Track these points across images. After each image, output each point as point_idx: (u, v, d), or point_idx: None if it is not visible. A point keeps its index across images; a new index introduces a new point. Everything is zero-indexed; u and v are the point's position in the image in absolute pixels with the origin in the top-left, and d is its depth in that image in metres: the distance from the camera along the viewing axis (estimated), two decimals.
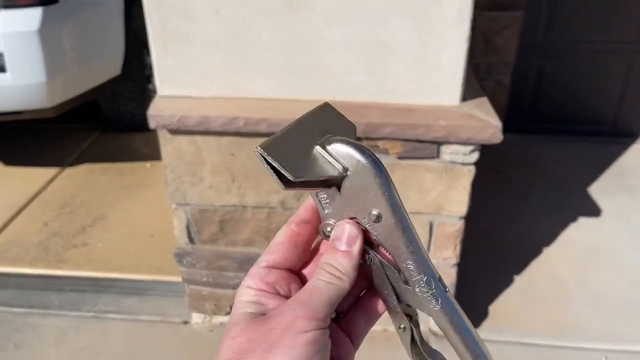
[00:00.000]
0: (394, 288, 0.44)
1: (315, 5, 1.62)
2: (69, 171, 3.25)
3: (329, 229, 0.45)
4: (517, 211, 2.88)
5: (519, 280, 2.40)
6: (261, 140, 0.40)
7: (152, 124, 1.72)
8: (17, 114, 2.73)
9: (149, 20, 1.68)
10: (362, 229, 0.44)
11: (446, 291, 0.44)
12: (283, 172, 0.39)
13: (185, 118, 1.70)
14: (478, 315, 2.19)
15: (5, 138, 3.63)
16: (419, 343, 0.46)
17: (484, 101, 1.78)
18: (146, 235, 2.67)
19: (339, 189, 0.43)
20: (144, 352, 2.06)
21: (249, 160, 1.81)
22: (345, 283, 0.43)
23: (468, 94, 1.76)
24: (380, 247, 0.44)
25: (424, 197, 1.81)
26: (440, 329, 0.44)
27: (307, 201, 0.47)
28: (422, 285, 0.43)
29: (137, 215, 2.83)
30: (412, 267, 0.43)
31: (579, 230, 2.73)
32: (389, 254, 0.44)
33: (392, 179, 0.43)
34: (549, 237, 2.67)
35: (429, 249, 1.93)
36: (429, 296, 0.43)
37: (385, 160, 1.75)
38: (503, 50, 3.36)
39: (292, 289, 0.45)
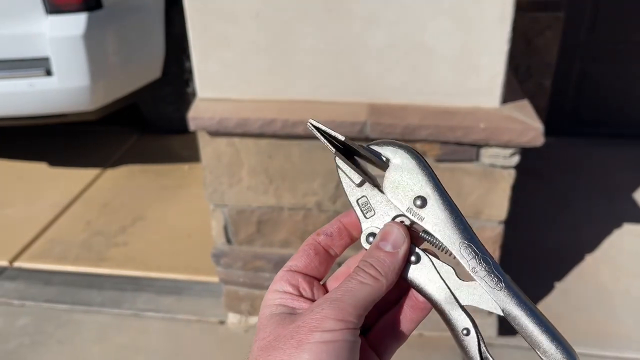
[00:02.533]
0: (449, 288, 0.42)
1: (355, 8, 1.62)
2: (110, 172, 3.35)
3: (371, 238, 0.43)
4: (559, 217, 2.82)
5: (560, 288, 2.34)
6: (298, 142, 0.42)
7: (191, 126, 1.76)
8: (62, 117, 2.83)
9: (190, 25, 1.72)
10: (409, 233, 0.43)
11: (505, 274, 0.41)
12: (334, 134, 0.40)
13: (224, 120, 1.73)
14: None
15: (51, 140, 3.76)
16: (484, 348, 0.42)
17: (525, 103, 1.76)
18: (183, 236, 2.72)
19: (380, 190, 0.43)
20: (181, 350, 2.10)
21: (286, 162, 1.83)
22: (382, 285, 0.42)
23: (508, 96, 1.74)
24: (428, 245, 0.43)
25: (462, 200, 1.79)
26: (507, 315, 0.41)
27: (335, 219, 0.48)
28: (481, 264, 0.40)
29: (175, 216, 2.89)
30: (467, 249, 0.41)
31: (624, 237, 2.65)
32: (439, 245, 0.42)
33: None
34: (592, 244, 2.60)
35: None
36: (492, 276, 0.40)
37: None
38: (544, 52, 3.30)
39: (316, 293, 0.45)
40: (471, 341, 0.42)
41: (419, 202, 0.42)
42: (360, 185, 0.44)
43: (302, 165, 1.83)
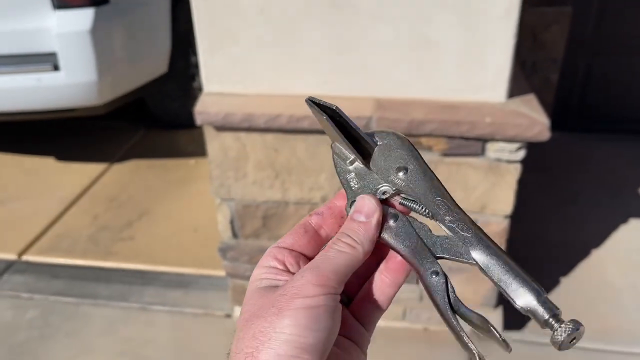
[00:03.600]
0: (424, 243, 0.44)
1: (360, 3, 1.63)
2: (117, 167, 3.37)
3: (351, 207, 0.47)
4: (565, 212, 2.81)
5: (566, 282, 2.34)
6: (304, 136, 0.44)
7: (198, 121, 1.77)
8: (70, 111, 2.84)
9: (197, 20, 1.72)
10: (384, 202, 0.46)
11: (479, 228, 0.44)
12: (329, 105, 0.45)
13: (230, 115, 1.74)
14: (523, 316, 2.15)
15: (58, 134, 3.78)
16: (454, 295, 0.44)
17: (532, 98, 1.75)
18: (190, 230, 2.74)
19: (368, 167, 0.47)
20: (187, 343, 2.11)
21: (292, 157, 1.84)
22: (359, 253, 0.44)
23: (515, 91, 1.73)
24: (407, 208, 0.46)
25: (468, 195, 1.79)
26: (479, 263, 0.43)
27: (329, 200, 0.50)
28: (453, 217, 0.43)
29: (181, 211, 2.91)
30: (441, 205, 0.44)
31: (631, 232, 2.64)
32: (418, 210, 0.45)
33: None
34: (599, 239, 2.59)
35: None
36: (460, 224, 0.43)
37: (428, 157, 1.74)
38: (551, 47, 3.28)
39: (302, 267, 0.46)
40: (439, 282, 0.44)
41: (400, 173, 0.46)
42: (351, 163, 0.47)
43: (308, 159, 1.83)
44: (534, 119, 1.63)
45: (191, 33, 3.52)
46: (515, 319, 2.13)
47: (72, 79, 2.70)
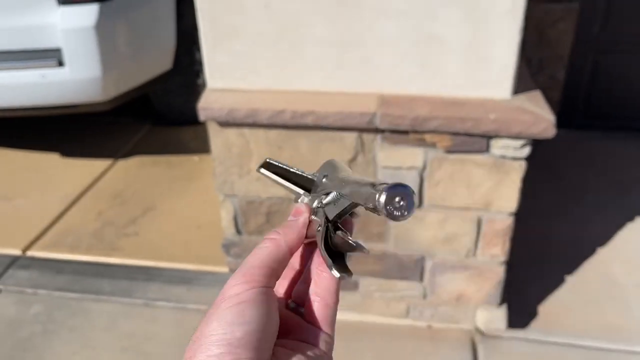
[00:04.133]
0: (327, 219, 0.47)
1: None
2: (121, 163, 3.37)
3: None
4: (571, 210, 2.80)
5: (571, 281, 2.33)
6: (307, 133, 0.45)
7: (201, 117, 1.76)
8: (74, 107, 2.84)
9: (200, 15, 1.71)
10: (314, 210, 0.49)
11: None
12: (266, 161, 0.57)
13: (234, 111, 1.73)
14: (527, 315, 2.14)
15: (63, 131, 3.79)
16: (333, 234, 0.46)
17: (537, 94, 1.74)
18: (193, 227, 2.74)
19: (310, 190, 0.53)
20: (190, 339, 2.11)
21: (295, 153, 1.83)
22: (280, 245, 0.45)
23: (520, 88, 1.72)
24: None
25: (472, 192, 1.78)
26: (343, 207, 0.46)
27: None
28: (345, 188, 0.47)
29: (185, 207, 2.90)
30: (341, 184, 0.48)
31: (637, 231, 2.62)
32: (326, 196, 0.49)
33: (440, 174, 0.50)
34: (604, 237, 2.57)
35: (476, 245, 1.90)
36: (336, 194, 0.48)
37: (432, 154, 1.73)
38: (557, 44, 3.26)
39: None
40: (320, 231, 0.47)
41: (324, 179, 0.51)
42: (303, 195, 0.53)
43: (311, 156, 1.83)
44: (539, 116, 1.61)
45: (196, 29, 3.51)
46: (520, 317, 2.12)
47: (77, 75, 2.70)
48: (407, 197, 0.39)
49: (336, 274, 0.44)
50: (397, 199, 0.39)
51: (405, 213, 0.39)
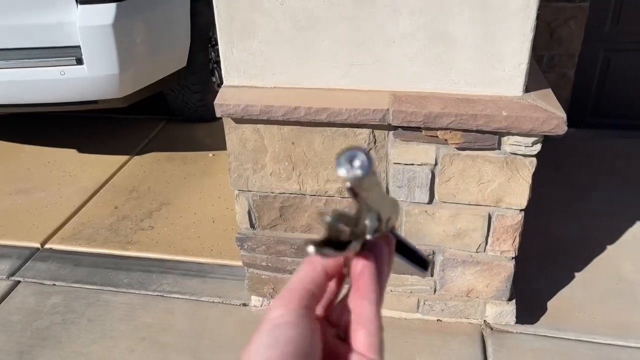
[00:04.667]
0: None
1: None
2: (137, 159, 3.41)
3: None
4: (580, 207, 2.79)
5: (581, 278, 2.33)
6: (321, 129, 0.43)
7: (218, 113, 1.78)
8: (92, 104, 2.88)
9: (217, 13, 1.74)
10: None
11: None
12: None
13: (250, 107, 1.76)
14: (536, 310, 2.15)
15: (80, 127, 3.84)
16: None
17: (548, 92, 1.74)
18: (208, 221, 2.77)
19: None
20: (205, 330, 2.14)
21: (309, 150, 1.85)
22: (316, 267, 0.44)
23: (532, 85, 1.73)
24: None
25: (483, 188, 1.79)
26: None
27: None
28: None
29: (199, 202, 2.94)
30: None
31: None
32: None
33: (451, 170, 0.48)
34: (614, 235, 2.57)
35: (487, 241, 1.91)
36: None
37: (444, 150, 1.74)
38: (568, 42, 3.25)
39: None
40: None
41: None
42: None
43: (324, 152, 1.84)
44: (550, 113, 1.62)
45: (210, 28, 3.53)
46: (529, 312, 2.12)
47: (95, 72, 2.74)
48: (362, 157, 0.37)
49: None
50: (352, 161, 0.37)
51: (355, 170, 0.37)
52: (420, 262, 0.52)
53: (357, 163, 0.38)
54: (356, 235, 0.43)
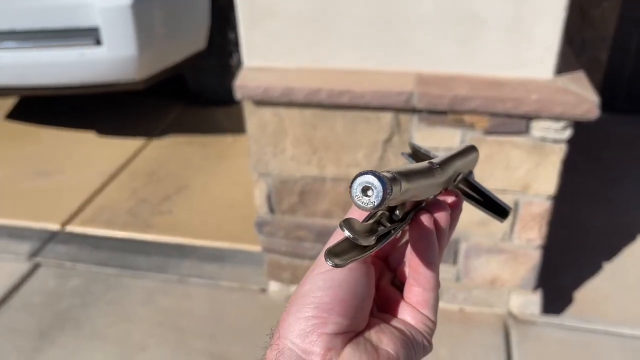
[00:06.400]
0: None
1: None
2: (156, 142, 3.43)
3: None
4: (610, 195, 2.73)
5: (609, 268, 2.28)
6: (343, 112, 0.43)
7: (238, 95, 1.77)
8: (111, 86, 2.90)
9: None
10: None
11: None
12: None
13: (270, 89, 1.74)
14: (562, 301, 2.12)
15: (99, 109, 3.87)
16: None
17: (580, 75, 1.69)
18: (226, 206, 2.78)
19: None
20: (223, 316, 2.16)
21: (330, 133, 1.83)
22: None
23: (563, 68, 1.68)
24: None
25: (510, 174, 1.76)
26: None
27: None
28: None
29: (218, 186, 2.95)
30: None
31: None
32: None
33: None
34: None
35: (512, 229, 1.88)
36: None
37: (470, 135, 1.71)
38: (600, 24, 3.16)
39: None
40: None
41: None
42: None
43: (346, 136, 1.83)
44: (582, 97, 1.57)
45: (230, 9, 3.52)
46: (555, 303, 2.09)
47: (114, 54, 2.75)
48: (372, 181, 0.36)
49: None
50: (365, 190, 0.36)
51: (368, 201, 0.36)
52: (497, 209, 0.53)
53: (371, 194, 0.36)
54: (393, 220, 0.43)
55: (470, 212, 1.88)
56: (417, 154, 0.55)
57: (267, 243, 2.14)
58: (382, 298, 0.47)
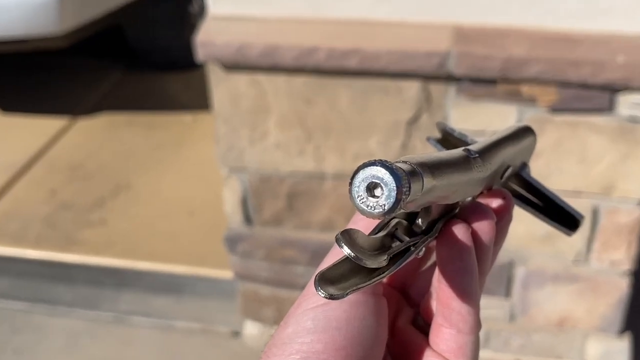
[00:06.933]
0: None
1: None
2: (83, 123, 3.43)
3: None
4: None
5: None
6: (349, 81, 0.42)
7: (200, 55, 1.77)
8: (21, 43, 2.89)
9: None
10: None
11: None
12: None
13: (246, 47, 1.74)
14: None
15: (5, 78, 3.86)
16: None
17: None
18: (184, 213, 2.78)
19: None
20: None
21: (331, 111, 1.83)
22: None
23: None
24: None
25: (586, 170, 1.77)
26: None
27: None
28: None
29: (172, 185, 2.95)
30: None
31: None
32: None
33: (541, 142, 0.51)
34: None
35: (590, 247, 1.88)
36: None
37: (531, 113, 1.72)
38: None
39: None
40: None
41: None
42: None
43: (354, 114, 1.83)
44: None
45: None
46: None
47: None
48: (377, 176, 0.34)
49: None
50: (371, 187, 0.35)
51: (375, 204, 0.34)
52: (565, 218, 0.52)
53: (380, 193, 0.34)
54: (414, 232, 0.42)
55: (528, 223, 1.89)
56: (448, 139, 0.56)
57: (242, 267, 2.14)
58: (399, 344, 0.47)
